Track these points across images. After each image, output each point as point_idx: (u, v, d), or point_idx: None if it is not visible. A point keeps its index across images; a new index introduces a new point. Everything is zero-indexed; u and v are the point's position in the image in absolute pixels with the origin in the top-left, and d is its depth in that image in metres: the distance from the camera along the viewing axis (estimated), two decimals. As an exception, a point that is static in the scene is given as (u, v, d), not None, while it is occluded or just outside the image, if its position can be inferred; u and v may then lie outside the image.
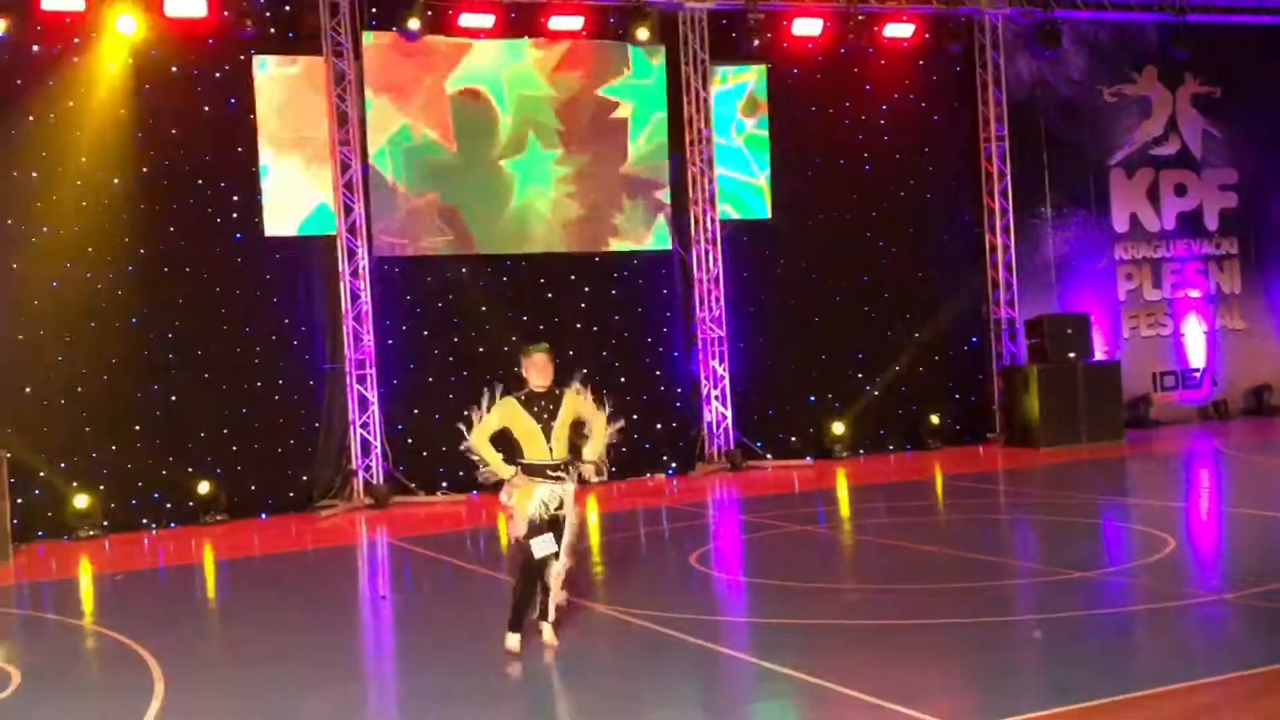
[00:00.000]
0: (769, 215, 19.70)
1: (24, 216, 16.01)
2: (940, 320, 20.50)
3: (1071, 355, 19.75)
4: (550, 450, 9.03)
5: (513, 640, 9.00)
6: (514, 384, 9.46)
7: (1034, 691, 7.87)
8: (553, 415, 9.05)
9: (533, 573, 9.07)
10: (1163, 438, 20.39)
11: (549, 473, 9.06)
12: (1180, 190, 22.26)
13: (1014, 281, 20.76)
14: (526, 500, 9.03)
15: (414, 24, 17.29)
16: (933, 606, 10.08)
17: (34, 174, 16.09)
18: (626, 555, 13.39)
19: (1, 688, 8.98)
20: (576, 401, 9.28)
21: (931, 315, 20.43)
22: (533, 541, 9.00)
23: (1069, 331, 19.90)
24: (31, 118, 16.06)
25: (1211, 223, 22.42)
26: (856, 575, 11.75)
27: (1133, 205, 21.97)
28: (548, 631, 9.17)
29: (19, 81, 16.01)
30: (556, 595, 9.20)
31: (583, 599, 10.59)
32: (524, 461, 9.08)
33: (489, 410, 9.19)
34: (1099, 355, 20.64)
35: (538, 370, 9.19)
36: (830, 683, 8.06)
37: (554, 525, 9.10)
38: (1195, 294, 22.33)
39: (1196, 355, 22.25)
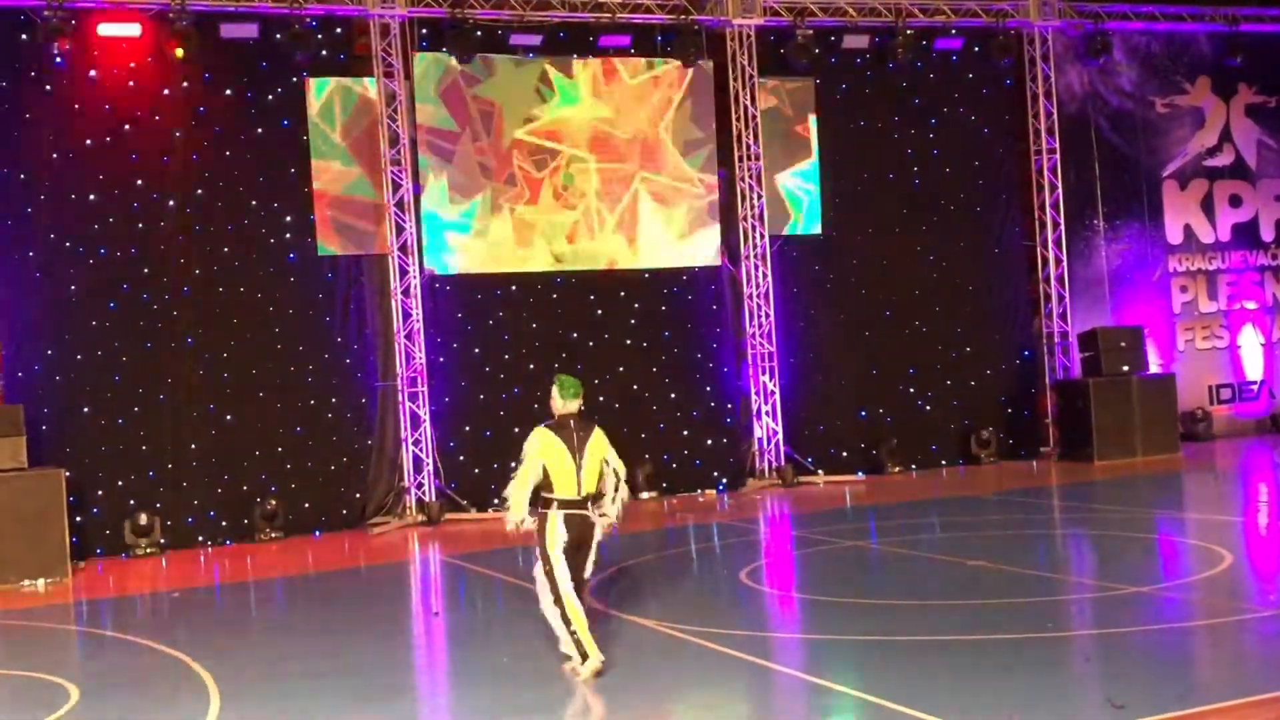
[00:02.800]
0: (819, 230, 19.68)
1: (81, 239, 16.25)
2: (992, 334, 20.41)
3: (1126, 368, 19.59)
4: (579, 486, 8.87)
5: (595, 662, 8.78)
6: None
7: (1089, 708, 7.80)
8: (583, 442, 8.86)
9: (557, 592, 8.90)
10: (1219, 451, 20.16)
11: (575, 508, 8.91)
12: (1235, 201, 22.06)
13: (1066, 294, 20.62)
14: (554, 528, 8.85)
15: (463, 45, 17.44)
16: (987, 622, 10.01)
17: (91, 196, 16.33)
18: (678, 571, 13.39)
19: (60, 704, 9.10)
20: (605, 442, 9.05)
21: (983, 329, 20.34)
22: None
23: (1123, 344, 19.74)
24: (89, 141, 16.32)
25: (1267, 233, 22.20)
26: (909, 591, 11.67)
27: (1187, 216, 21.79)
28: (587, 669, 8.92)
29: (76, 105, 16.28)
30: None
31: (633, 615, 10.61)
32: (551, 496, 8.89)
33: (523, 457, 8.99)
34: (1154, 368, 20.46)
35: (566, 404, 9.01)
36: (883, 699, 8.02)
37: (579, 553, 8.98)
38: (1251, 305, 22.10)
39: (1253, 367, 22.01)
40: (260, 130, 17.06)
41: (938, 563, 12.76)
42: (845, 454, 19.58)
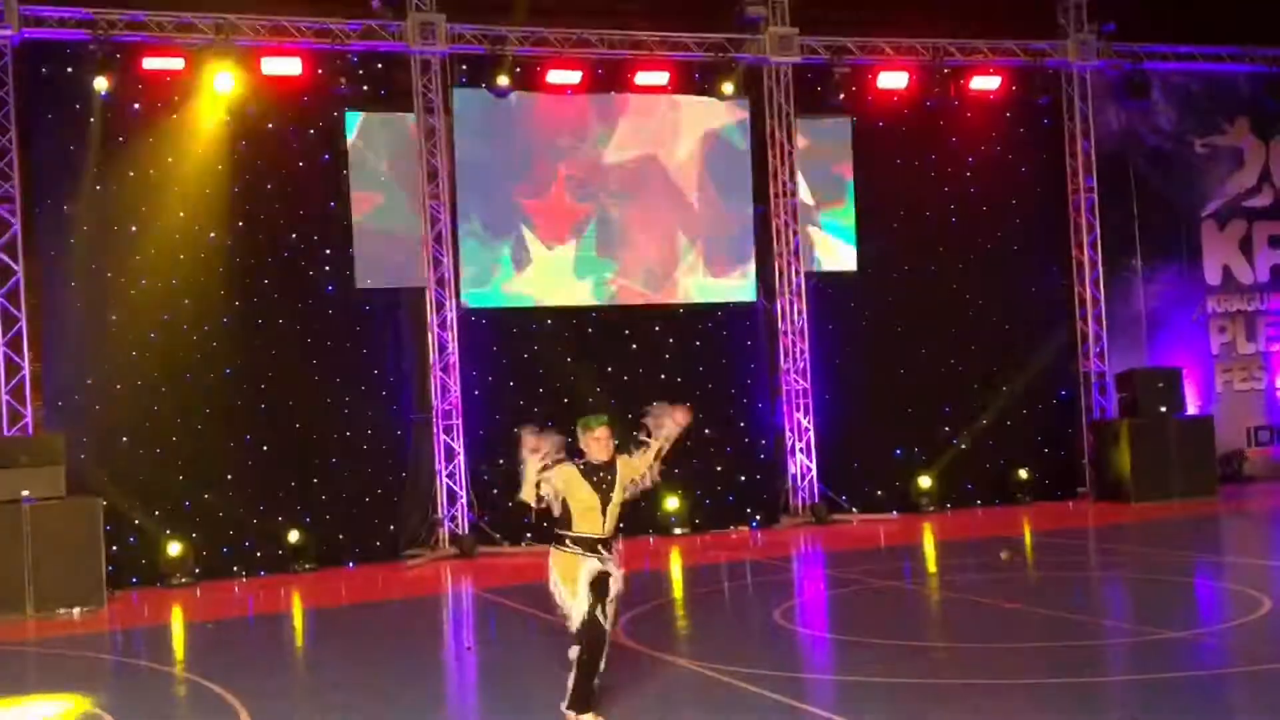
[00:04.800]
0: (855, 267, 19.66)
1: (122, 270, 16.43)
2: (1029, 373, 20.30)
3: (1163, 409, 19.46)
4: (604, 525, 8.62)
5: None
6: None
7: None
8: (611, 487, 8.62)
9: (600, 640, 8.53)
10: (1257, 494, 19.97)
11: (599, 548, 8.63)
12: (1275, 242, 21.95)
13: (1104, 334, 20.53)
14: (576, 570, 8.57)
15: (503, 80, 17.59)
16: (1021, 666, 9.94)
17: (133, 228, 16.51)
18: (710, 609, 13.34)
19: (96, 734, 9.16)
20: (628, 464, 8.82)
21: (1020, 368, 20.24)
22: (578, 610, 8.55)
23: (1160, 385, 19.61)
24: (132, 173, 16.51)
25: (1308, 275, 22.07)
26: (943, 633, 11.61)
27: (1225, 257, 21.68)
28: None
29: (120, 138, 16.48)
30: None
31: (666, 653, 10.58)
32: (573, 534, 8.61)
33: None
34: (1191, 410, 20.32)
35: (599, 445, 8.66)
36: (916, 743, 7.98)
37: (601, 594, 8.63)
38: (1291, 347, 21.95)
39: (1292, 410, 21.84)
40: (301, 164, 17.23)
41: (972, 604, 12.67)
42: (880, 492, 19.51)
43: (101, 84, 16.07)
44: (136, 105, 16.57)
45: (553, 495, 8.61)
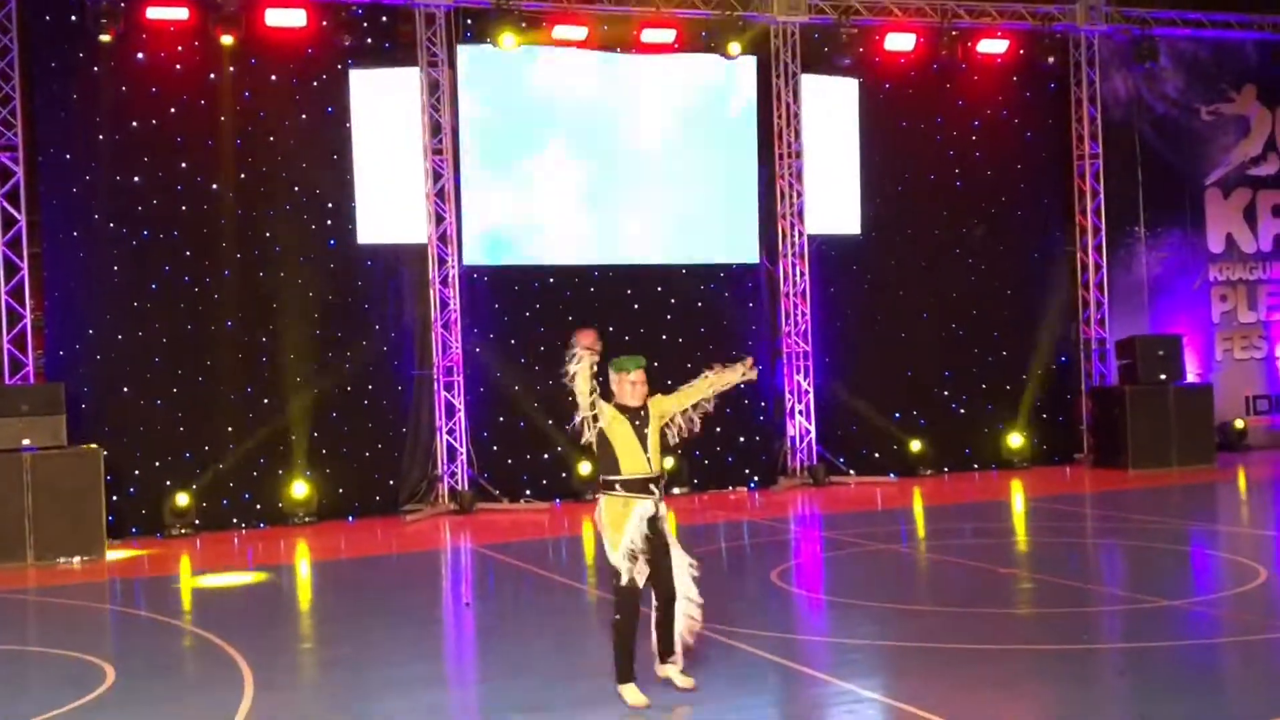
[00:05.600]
0: (858, 230, 19.64)
1: (125, 220, 16.41)
2: (1029, 339, 20.34)
3: (1163, 377, 19.49)
4: (649, 461, 8.44)
5: (632, 694, 8.24)
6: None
7: (1118, 723, 7.79)
8: (645, 424, 8.49)
9: (634, 605, 8.31)
10: (1255, 462, 20.03)
11: (650, 487, 8.45)
12: (1278, 211, 21.89)
13: (1105, 301, 20.54)
14: (624, 520, 8.33)
15: (508, 36, 17.50)
16: (1015, 632, 10.00)
17: (135, 178, 16.49)
18: (707, 570, 13.24)
19: (97, 684, 9.21)
20: (658, 403, 8.71)
21: (1020, 334, 20.27)
22: (622, 565, 8.30)
23: (1161, 353, 19.63)
24: (135, 123, 16.47)
25: (1311, 244, 22.05)
26: (938, 597, 11.67)
27: (1229, 225, 21.66)
28: (675, 673, 8.54)
29: (124, 88, 16.43)
30: (684, 633, 8.52)
31: (664, 613, 10.62)
32: (623, 477, 8.39)
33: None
34: (1191, 377, 20.36)
35: (634, 390, 8.53)
36: (908, 705, 8.03)
37: (654, 550, 8.43)
38: (1292, 316, 21.97)
39: (1292, 379, 21.88)
40: (304, 117, 17.18)
41: (968, 569, 12.74)
42: (877, 455, 19.57)
43: (105, 33, 15.98)
44: (140, 55, 16.51)
45: (593, 432, 8.41)
